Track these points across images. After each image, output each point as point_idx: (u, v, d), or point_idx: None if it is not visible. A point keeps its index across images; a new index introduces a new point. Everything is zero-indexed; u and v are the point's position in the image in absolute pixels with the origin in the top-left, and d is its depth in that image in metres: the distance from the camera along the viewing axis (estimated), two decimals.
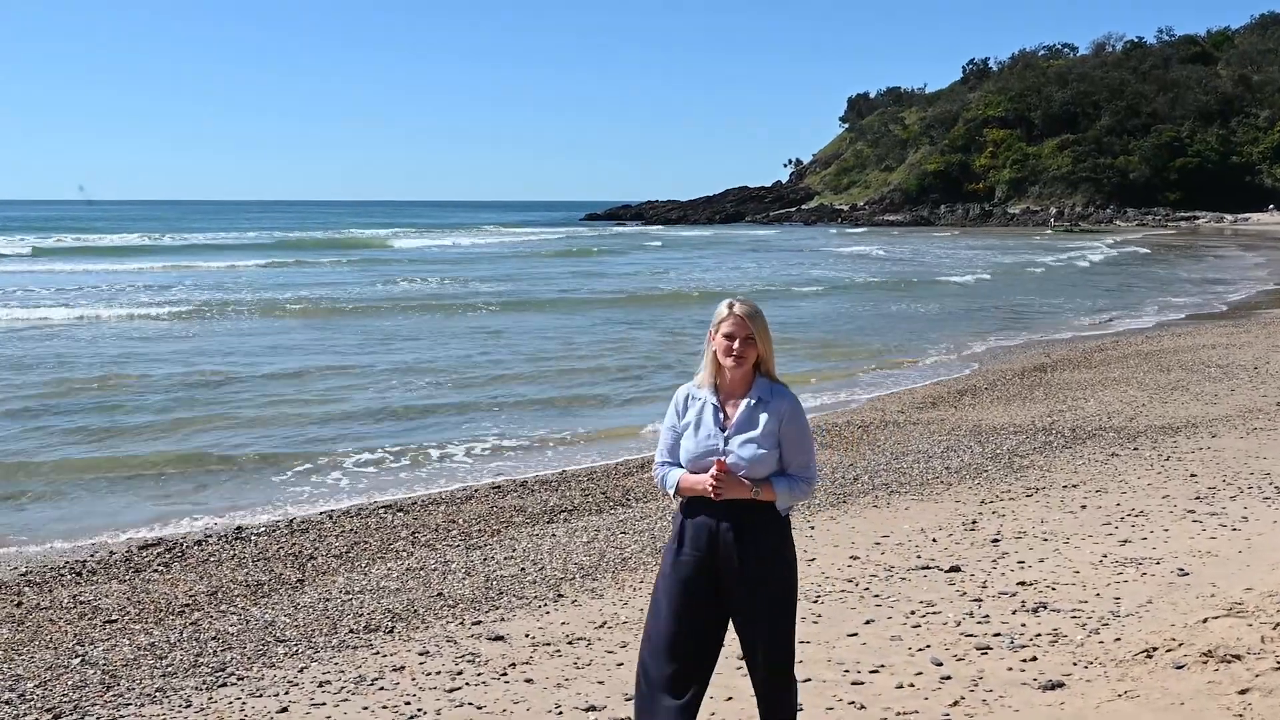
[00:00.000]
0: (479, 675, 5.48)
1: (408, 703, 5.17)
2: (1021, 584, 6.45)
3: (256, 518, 9.11)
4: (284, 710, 5.15)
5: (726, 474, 3.72)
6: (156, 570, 7.69)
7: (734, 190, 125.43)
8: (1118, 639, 5.47)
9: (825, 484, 9.46)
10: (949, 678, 5.14)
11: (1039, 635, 5.62)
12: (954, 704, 4.86)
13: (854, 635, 5.77)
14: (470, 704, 5.13)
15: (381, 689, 5.36)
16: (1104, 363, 16.73)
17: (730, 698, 4.91)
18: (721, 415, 3.83)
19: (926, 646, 5.54)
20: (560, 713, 5.00)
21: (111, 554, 8.11)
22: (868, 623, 5.94)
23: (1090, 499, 8.53)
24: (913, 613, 6.07)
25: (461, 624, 6.32)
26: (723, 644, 3.87)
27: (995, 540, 7.47)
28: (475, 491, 9.85)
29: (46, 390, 14.57)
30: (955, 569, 6.82)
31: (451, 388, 15.25)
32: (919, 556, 7.18)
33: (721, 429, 3.80)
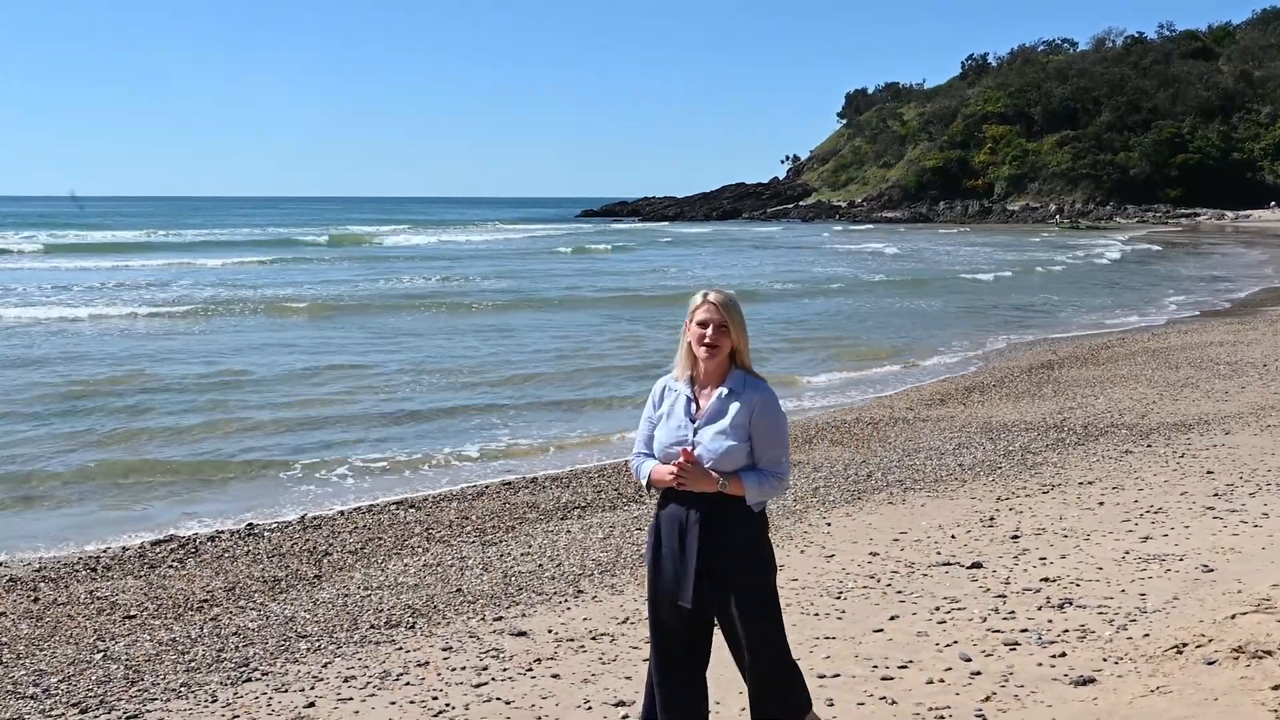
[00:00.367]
0: (504, 670, 5.45)
1: (435, 697, 5.15)
2: (1045, 580, 6.43)
3: (268, 516, 9.04)
4: (311, 705, 5.13)
5: (693, 464, 3.65)
6: (171, 566, 7.66)
7: (731, 187, 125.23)
8: (1146, 635, 5.44)
9: (839, 480, 9.44)
10: (979, 673, 5.11)
11: (1066, 631, 5.59)
12: (986, 699, 4.84)
13: (880, 631, 5.74)
14: (498, 698, 5.11)
15: (407, 684, 5.34)
16: (1111, 360, 16.71)
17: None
18: (694, 406, 3.78)
19: (954, 642, 5.51)
20: (590, 708, 4.97)
21: (125, 550, 8.08)
22: (892, 619, 5.92)
23: (1108, 495, 8.51)
24: (937, 609, 6.04)
25: (483, 620, 6.30)
26: (713, 625, 3.87)
27: (1015, 537, 7.45)
28: (486, 488, 9.82)
29: (59, 390, 14.48)
30: (977, 565, 6.79)
31: (461, 387, 15.17)
32: (939, 553, 7.16)
33: (692, 420, 3.75)
